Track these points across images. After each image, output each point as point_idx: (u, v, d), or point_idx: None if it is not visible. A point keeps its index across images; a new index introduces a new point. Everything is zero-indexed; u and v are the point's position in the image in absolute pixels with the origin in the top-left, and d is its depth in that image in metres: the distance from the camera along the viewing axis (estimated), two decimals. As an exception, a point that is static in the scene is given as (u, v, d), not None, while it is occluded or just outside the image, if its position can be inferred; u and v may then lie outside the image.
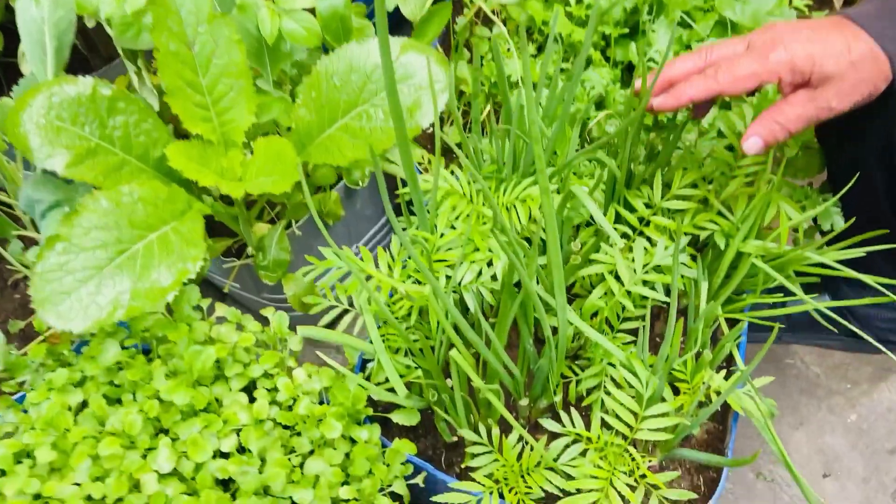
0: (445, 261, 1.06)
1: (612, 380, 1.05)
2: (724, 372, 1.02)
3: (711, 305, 0.96)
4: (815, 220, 1.24)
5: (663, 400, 0.95)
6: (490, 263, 1.08)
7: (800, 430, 1.50)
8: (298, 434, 1.08)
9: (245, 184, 1.02)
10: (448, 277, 1.08)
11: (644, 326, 0.96)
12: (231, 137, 1.07)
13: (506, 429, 1.11)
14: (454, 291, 1.07)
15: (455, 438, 1.10)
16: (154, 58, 1.00)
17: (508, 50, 1.51)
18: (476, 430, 1.01)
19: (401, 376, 1.05)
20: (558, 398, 1.05)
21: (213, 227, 1.41)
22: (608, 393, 1.05)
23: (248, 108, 1.06)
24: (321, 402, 1.10)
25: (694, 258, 1.09)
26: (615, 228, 1.09)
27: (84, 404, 1.06)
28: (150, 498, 0.98)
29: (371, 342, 0.98)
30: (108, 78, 1.09)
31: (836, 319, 1.03)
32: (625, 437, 0.93)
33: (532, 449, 0.96)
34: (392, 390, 1.02)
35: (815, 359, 1.59)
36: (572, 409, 0.97)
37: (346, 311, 1.14)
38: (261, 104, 1.08)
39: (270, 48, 1.14)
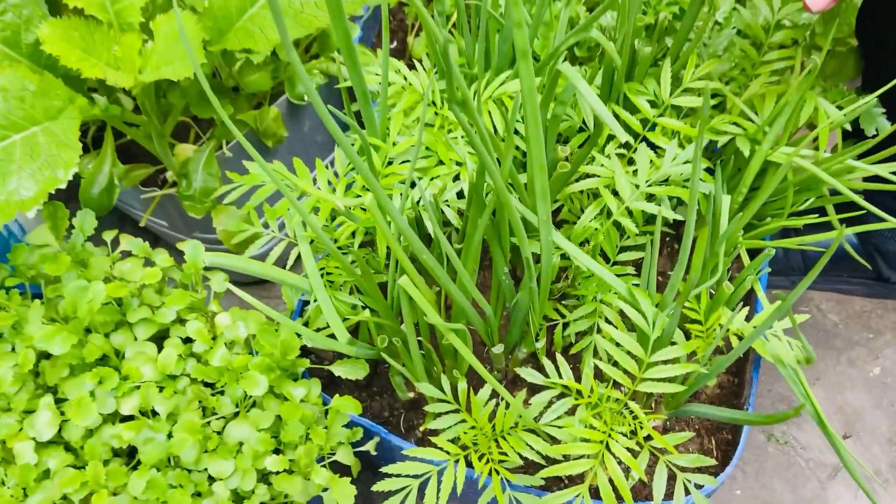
0: (400, 175, 0.84)
1: (608, 321, 0.85)
2: (744, 311, 0.82)
3: (736, 223, 0.76)
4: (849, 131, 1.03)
5: (673, 343, 0.75)
6: (457, 178, 0.86)
7: (816, 385, 1.32)
8: (222, 393, 0.87)
9: (142, 75, 0.79)
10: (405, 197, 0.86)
11: (652, 254, 0.75)
12: (125, 17, 0.83)
13: (476, 383, 0.91)
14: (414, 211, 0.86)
15: (413, 395, 0.90)
16: None
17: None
18: (440, 385, 0.80)
19: (345, 319, 0.84)
20: (541, 345, 0.85)
21: (131, 152, 1.18)
22: (603, 334, 0.85)
23: (144, -21, 0.82)
24: (251, 354, 0.89)
25: (710, 171, 0.88)
26: (613, 136, 0.88)
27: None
28: (21, 471, 0.77)
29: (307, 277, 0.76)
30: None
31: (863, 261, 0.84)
32: (625, 390, 0.73)
33: (508, 406, 0.75)
34: (333, 336, 0.80)
35: (833, 306, 1.40)
36: (558, 357, 0.76)
37: (285, 243, 0.93)
38: (164, -24, 0.85)
39: None
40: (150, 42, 0.85)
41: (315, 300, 0.83)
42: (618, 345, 0.71)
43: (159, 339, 0.92)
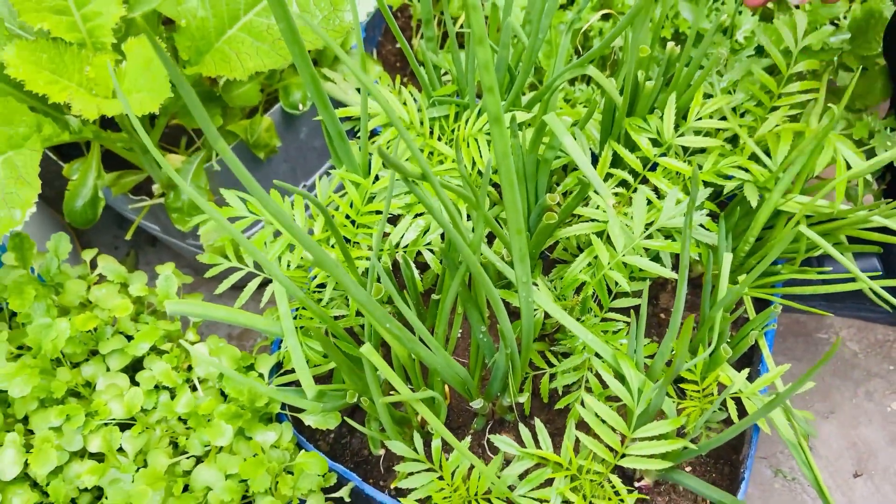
0: (380, 212, 0.79)
1: (599, 377, 0.80)
2: (745, 371, 0.76)
3: (736, 288, 0.69)
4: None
5: (661, 415, 0.69)
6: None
7: (830, 419, 1.25)
8: (194, 429, 0.84)
9: (104, 101, 0.75)
10: (387, 235, 0.82)
11: (639, 324, 0.70)
12: (97, 37, 0.79)
13: (457, 430, 0.87)
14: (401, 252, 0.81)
15: (383, 452, 0.86)
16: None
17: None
18: (412, 441, 0.76)
19: (317, 365, 0.80)
20: (524, 398, 0.80)
21: (117, 157, 1.15)
22: (590, 390, 0.80)
23: (116, -2, 0.77)
24: (221, 392, 0.86)
25: (715, 217, 0.81)
26: (612, 175, 0.82)
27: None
28: (-20, 514, 0.75)
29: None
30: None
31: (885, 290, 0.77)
32: (608, 463, 0.68)
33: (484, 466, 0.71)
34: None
35: (853, 334, 1.33)
36: (537, 420, 0.71)
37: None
38: (138, -7, 0.80)
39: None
40: (125, 62, 0.80)
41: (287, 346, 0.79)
42: (601, 419, 0.66)
43: (134, 365, 0.89)
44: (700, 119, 0.79)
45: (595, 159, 0.85)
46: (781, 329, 1.34)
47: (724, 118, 0.82)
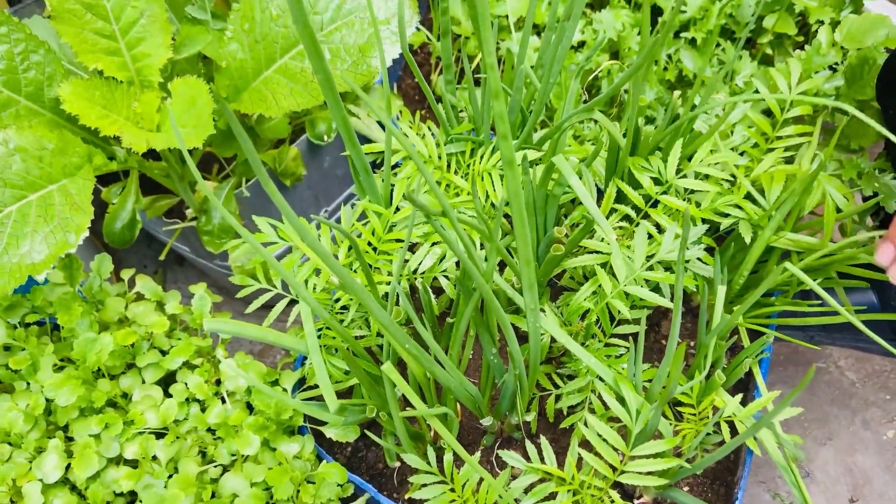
0: (401, 241, 0.85)
1: (601, 398, 0.85)
2: (739, 396, 0.82)
3: (729, 318, 0.75)
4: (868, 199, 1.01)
5: (658, 435, 0.75)
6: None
7: (828, 445, 1.30)
8: (222, 438, 0.90)
9: (152, 135, 0.82)
10: (407, 261, 0.88)
11: (637, 349, 0.75)
12: (145, 76, 0.86)
13: (467, 445, 0.93)
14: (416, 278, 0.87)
15: (398, 464, 0.91)
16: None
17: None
18: (426, 454, 0.82)
19: (338, 382, 0.86)
20: (531, 417, 0.86)
21: (153, 182, 1.22)
22: (593, 410, 0.85)
23: (163, 40, 0.85)
24: (248, 405, 0.92)
25: (711, 251, 0.87)
26: (616, 209, 0.88)
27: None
28: (27, 514, 0.81)
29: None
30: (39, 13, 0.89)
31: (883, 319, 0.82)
32: (607, 477, 0.73)
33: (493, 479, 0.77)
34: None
35: (852, 363, 1.37)
36: (543, 438, 0.77)
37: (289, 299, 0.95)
38: (183, 36, 0.88)
39: (204, -34, 0.92)
40: (169, 99, 0.87)
41: (311, 363, 0.85)
42: (602, 438, 0.72)
43: (166, 378, 0.96)
44: (701, 162, 0.85)
45: (601, 194, 0.91)
46: (781, 358, 1.39)
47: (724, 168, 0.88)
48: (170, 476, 0.85)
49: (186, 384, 0.91)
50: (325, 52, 0.85)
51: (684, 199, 0.86)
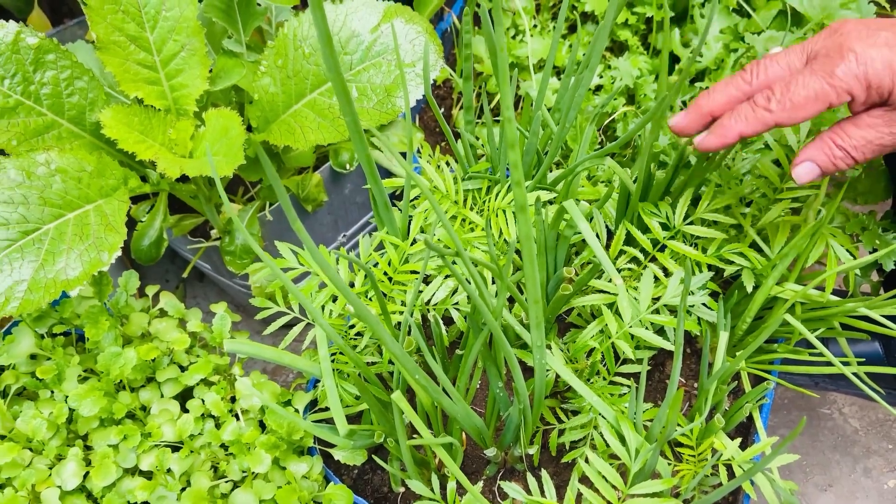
0: (416, 272, 0.89)
1: (602, 436, 0.87)
2: (738, 440, 0.84)
3: (730, 364, 0.78)
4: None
5: (657, 475, 0.77)
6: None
7: (828, 492, 1.30)
8: (234, 455, 0.93)
9: (186, 162, 0.86)
10: (421, 292, 0.91)
11: (639, 390, 0.78)
12: (182, 105, 0.91)
13: (471, 474, 0.95)
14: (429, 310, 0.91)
15: (402, 489, 0.94)
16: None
17: (535, 27, 1.31)
18: (430, 481, 0.84)
19: (349, 406, 0.90)
20: (534, 450, 0.88)
21: (180, 201, 1.27)
22: (595, 447, 0.88)
23: (201, 72, 0.90)
24: (261, 423, 0.95)
25: (715, 296, 0.90)
26: (624, 251, 0.91)
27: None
28: (44, 519, 0.85)
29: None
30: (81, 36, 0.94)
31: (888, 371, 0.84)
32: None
33: (492, 511, 0.79)
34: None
35: (855, 411, 1.38)
36: (544, 471, 0.79)
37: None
38: (219, 68, 0.92)
39: (242, 2, 0.97)
40: (202, 127, 0.92)
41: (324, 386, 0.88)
42: (602, 475, 0.74)
43: (184, 393, 0.99)
44: (708, 208, 0.88)
45: (611, 235, 0.94)
46: (786, 402, 1.40)
47: (728, 206, 0.91)
48: (182, 489, 0.88)
49: (203, 400, 0.94)
50: (353, 91, 0.89)
51: (692, 244, 0.89)
